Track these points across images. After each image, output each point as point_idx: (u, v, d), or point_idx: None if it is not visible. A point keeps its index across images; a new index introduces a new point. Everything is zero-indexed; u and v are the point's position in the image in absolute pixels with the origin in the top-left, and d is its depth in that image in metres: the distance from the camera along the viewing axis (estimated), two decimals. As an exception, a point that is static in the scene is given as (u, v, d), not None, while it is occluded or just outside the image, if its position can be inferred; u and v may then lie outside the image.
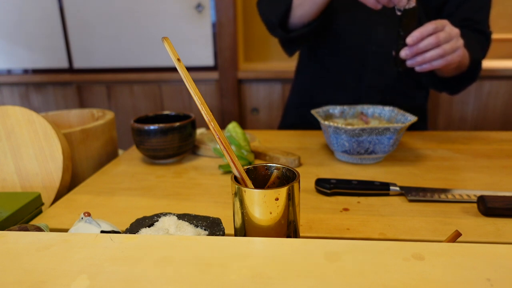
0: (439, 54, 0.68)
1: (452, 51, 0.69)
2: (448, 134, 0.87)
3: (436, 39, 0.67)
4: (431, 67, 0.70)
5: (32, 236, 0.34)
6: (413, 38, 0.67)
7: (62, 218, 0.52)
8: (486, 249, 0.30)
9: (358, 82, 0.96)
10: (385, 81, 0.96)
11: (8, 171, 0.59)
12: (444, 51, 0.68)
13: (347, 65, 0.97)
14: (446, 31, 0.68)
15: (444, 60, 0.68)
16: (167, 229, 0.40)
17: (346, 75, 0.98)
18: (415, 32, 0.67)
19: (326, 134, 0.70)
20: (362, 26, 0.94)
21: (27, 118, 0.60)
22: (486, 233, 0.45)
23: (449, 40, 0.68)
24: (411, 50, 0.69)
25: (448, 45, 0.68)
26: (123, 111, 2.00)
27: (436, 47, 0.68)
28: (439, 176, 0.63)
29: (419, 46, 0.68)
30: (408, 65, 0.71)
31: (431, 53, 0.68)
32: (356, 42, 0.95)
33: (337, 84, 0.99)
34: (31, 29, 1.97)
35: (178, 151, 0.71)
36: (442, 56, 0.68)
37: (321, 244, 0.32)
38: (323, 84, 1.02)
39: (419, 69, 0.71)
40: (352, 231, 0.46)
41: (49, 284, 0.28)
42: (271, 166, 0.40)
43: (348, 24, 0.95)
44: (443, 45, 0.68)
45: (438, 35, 0.67)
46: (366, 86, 0.96)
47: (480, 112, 1.85)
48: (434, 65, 0.69)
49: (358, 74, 0.96)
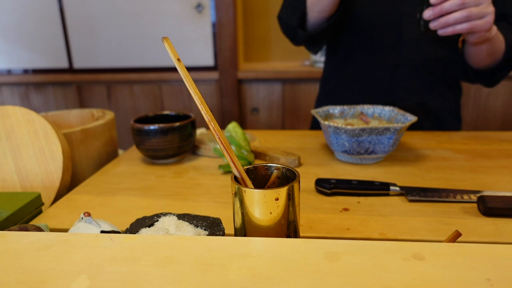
0: (464, 16, 0.64)
1: (480, 15, 0.65)
2: (448, 134, 0.87)
3: (461, 0, 0.64)
4: (454, 30, 0.67)
5: (32, 236, 0.34)
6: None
7: (62, 218, 0.52)
8: (486, 249, 0.30)
9: (391, 85, 0.92)
10: (418, 83, 0.92)
11: (8, 171, 0.59)
12: (470, 14, 0.64)
13: (378, 64, 0.92)
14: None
15: (469, 24, 0.65)
16: (167, 229, 0.40)
17: (377, 77, 0.93)
18: None
19: (326, 134, 0.70)
20: (389, 16, 0.88)
21: (27, 118, 0.60)
22: (486, 233, 0.45)
23: (477, 3, 0.65)
24: (434, 10, 0.66)
25: (475, 9, 0.65)
26: (123, 111, 2.00)
27: (462, 9, 0.65)
28: (439, 176, 0.63)
29: (443, 6, 0.65)
30: (431, 27, 0.68)
31: (455, 14, 0.65)
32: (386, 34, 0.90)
33: (367, 87, 0.95)
34: (31, 29, 1.97)
35: (178, 151, 0.71)
36: (467, 19, 0.65)
37: (321, 244, 0.32)
38: (351, 85, 0.97)
39: (442, 32, 0.68)
40: (352, 231, 0.46)
41: (49, 284, 0.28)
42: (271, 166, 0.40)
43: (372, 14, 0.90)
44: (470, 7, 0.65)
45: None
46: (399, 88, 0.92)
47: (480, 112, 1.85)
48: (457, 28, 0.66)
49: (390, 75, 0.92)
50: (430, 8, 0.67)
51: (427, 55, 0.90)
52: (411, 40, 0.88)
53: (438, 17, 0.67)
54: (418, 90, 0.92)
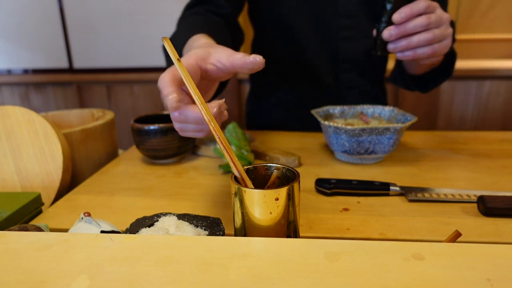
0: (428, 39, 0.57)
1: (441, 38, 0.58)
2: (448, 134, 0.87)
3: (427, 21, 0.56)
4: (414, 55, 0.59)
5: (32, 236, 0.34)
6: (402, 15, 0.55)
7: (62, 218, 0.52)
8: (486, 249, 0.30)
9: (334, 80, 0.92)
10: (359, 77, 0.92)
11: (8, 171, 0.59)
12: (433, 37, 0.57)
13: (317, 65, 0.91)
14: (437, 13, 0.57)
15: (431, 49, 0.58)
16: (167, 229, 0.40)
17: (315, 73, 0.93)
18: (405, 8, 0.56)
19: (326, 134, 0.70)
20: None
21: (27, 118, 0.60)
22: (486, 233, 0.45)
23: (439, 25, 0.58)
24: (397, 30, 0.57)
25: (438, 31, 0.57)
26: (123, 111, 2.00)
27: (426, 31, 0.57)
28: (439, 176, 0.63)
29: (406, 26, 0.56)
30: (390, 50, 0.60)
31: (418, 37, 0.57)
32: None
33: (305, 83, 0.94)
34: (31, 29, 1.97)
35: (178, 151, 0.71)
36: (430, 42, 0.57)
37: (321, 244, 0.32)
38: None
39: (400, 56, 0.60)
40: (352, 231, 0.46)
41: (49, 284, 0.28)
42: (271, 166, 0.40)
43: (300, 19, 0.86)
44: (433, 29, 0.57)
45: (429, 16, 0.56)
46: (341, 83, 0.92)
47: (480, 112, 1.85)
48: (418, 53, 0.59)
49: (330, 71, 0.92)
50: (391, 27, 0.58)
51: (364, 48, 0.90)
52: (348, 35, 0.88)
53: (399, 38, 0.59)
54: (358, 84, 0.93)
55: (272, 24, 0.93)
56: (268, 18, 0.93)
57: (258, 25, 0.97)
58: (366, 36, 0.88)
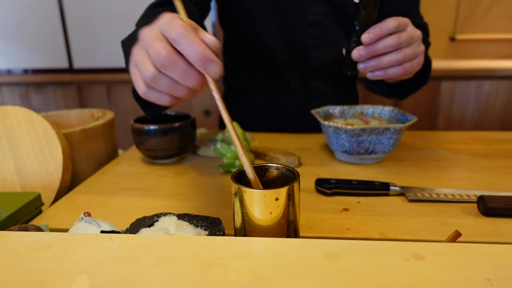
0: (398, 59, 0.55)
1: (412, 57, 0.57)
2: (448, 134, 0.87)
3: (397, 40, 0.54)
4: (385, 75, 0.57)
5: (32, 236, 0.34)
6: (371, 35, 0.54)
7: (62, 218, 0.52)
8: (486, 249, 0.30)
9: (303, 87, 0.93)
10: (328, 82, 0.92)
11: (8, 171, 0.59)
12: (404, 57, 0.55)
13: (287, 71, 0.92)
14: (408, 31, 0.56)
15: (402, 69, 0.56)
16: (167, 229, 0.40)
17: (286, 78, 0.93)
18: (374, 28, 0.54)
19: (326, 134, 0.70)
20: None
21: (27, 118, 0.60)
22: (486, 233, 0.45)
23: (410, 43, 0.56)
24: (366, 50, 0.55)
25: (409, 50, 0.56)
26: (123, 111, 2.00)
27: (396, 51, 0.55)
28: (439, 176, 0.63)
29: (376, 46, 0.55)
30: (360, 70, 0.58)
31: (389, 57, 0.55)
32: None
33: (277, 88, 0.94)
34: (31, 29, 1.97)
35: (178, 151, 0.71)
36: (401, 62, 0.56)
37: (321, 244, 0.32)
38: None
39: (371, 76, 0.58)
40: (352, 231, 0.46)
41: (49, 284, 0.28)
42: (271, 166, 0.40)
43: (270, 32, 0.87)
44: (404, 49, 0.55)
45: (400, 35, 0.54)
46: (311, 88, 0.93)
47: (480, 112, 1.85)
48: (389, 73, 0.57)
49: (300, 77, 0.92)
50: (361, 47, 0.56)
51: (333, 56, 0.90)
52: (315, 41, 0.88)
53: (369, 58, 0.57)
54: (328, 92, 0.93)
55: (241, 31, 0.93)
56: (238, 25, 0.93)
57: (229, 31, 0.98)
58: (335, 44, 0.88)
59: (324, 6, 0.85)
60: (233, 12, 0.92)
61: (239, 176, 0.38)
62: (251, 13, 0.88)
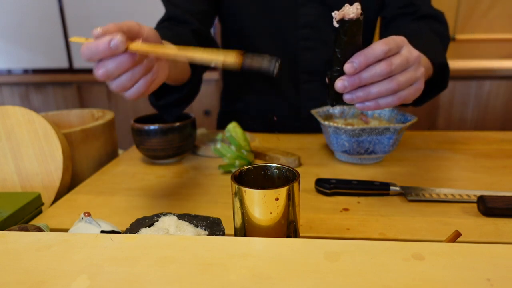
0: (391, 89, 0.47)
1: (408, 84, 0.48)
2: (448, 134, 0.87)
3: (387, 68, 0.46)
4: (377, 106, 0.49)
5: (32, 236, 0.34)
6: (355, 64, 0.45)
7: (62, 218, 0.52)
8: (486, 249, 0.30)
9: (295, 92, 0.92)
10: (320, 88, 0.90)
11: (8, 171, 0.59)
12: (398, 85, 0.47)
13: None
14: (402, 54, 0.47)
15: (396, 98, 0.48)
16: (167, 229, 0.40)
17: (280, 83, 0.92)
18: (358, 56, 0.45)
19: (326, 134, 0.70)
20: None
21: (27, 118, 0.60)
22: (486, 233, 0.45)
23: (405, 67, 0.48)
24: (351, 80, 0.46)
25: (403, 77, 0.47)
26: (123, 111, 2.00)
27: (388, 79, 0.47)
28: (439, 176, 0.63)
29: (362, 76, 0.46)
30: (346, 101, 0.49)
31: (378, 87, 0.47)
32: None
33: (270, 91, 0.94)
34: (31, 29, 1.97)
35: (178, 151, 0.71)
36: (394, 91, 0.47)
37: (321, 244, 0.32)
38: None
39: (360, 107, 0.49)
40: (352, 231, 0.46)
41: (49, 284, 0.28)
42: (271, 166, 0.40)
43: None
44: (397, 75, 0.47)
45: (390, 61, 0.46)
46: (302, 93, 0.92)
47: (480, 112, 1.85)
48: (381, 104, 0.48)
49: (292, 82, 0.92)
50: (344, 77, 0.47)
51: (326, 59, 0.89)
52: (308, 45, 0.87)
53: (355, 88, 0.48)
54: (320, 94, 0.91)
55: (233, 33, 0.93)
56: (230, 27, 0.93)
57: (222, 34, 0.98)
58: (328, 46, 0.87)
59: (317, 8, 0.84)
60: (225, 13, 0.92)
61: (239, 176, 0.38)
62: (243, 14, 0.88)
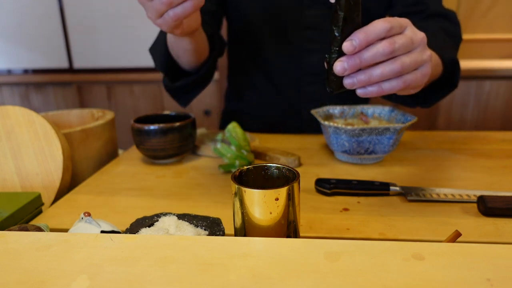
0: (394, 70, 0.43)
1: (413, 67, 0.44)
2: (448, 134, 0.87)
3: (390, 46, 0.42)
4: (380, 91, 0.45)
5: (32, 236, 0.34)
6: (354, 42, 0.41)
7: (62, 218, 0.52)
8: (486, 249, 0.30)
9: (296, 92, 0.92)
10: (322, 90, 0.90)
11: (8, 171, 0.59)
12: (401, 67, 0.43)
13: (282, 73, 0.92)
14: (406, 35, 0.44)
15: (401, 82, 0.44)
16: (167, 229, 0.40)
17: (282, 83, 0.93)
18: (357, 33, 0.42)
19: (326, 134, 0.70)
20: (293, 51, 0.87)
21: (27, 118, 0.60)
22: (486, 233, 0.45)
23: (410, 49, 0.44)
24: (351, 61, 0.42)
25: (408, 58, 0.44)
26: (123, 111, 2.00)
27: (391, 60, 0.43)
28: (439, 176, 0.63)
29: (363, 56, 0.42)
30: (347, 86, 0.45)
31: (382, 68, 0.43)
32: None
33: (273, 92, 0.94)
34: (31, 29, 1.97)
35: (178, 151, 0.71)
36: (398, 74, 0.43)
37: (321, 244, 0.32)
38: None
39: (362, 93, 0.45)
40: (352, 231, 0.46)
41: (49, 284, 0.28)
42: (271, 166, 0.40)
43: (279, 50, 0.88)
44: (401, 56, 0.43)
45: (393, 40, 0.43)
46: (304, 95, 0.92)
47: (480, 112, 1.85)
48: (385, 88, 0.44)
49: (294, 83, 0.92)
50: (343, 58, 0.43)
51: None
52: (313, 47, 0.87)
53: (356, 70, 0.43)
54: (322, 96, 0.91)
55: (239, 34, 0.94)
56: (236, 27, 0.94)
57: (228, 34, 0.98)
58: None
59: (322, 9, 0.84)
60: (231, 14, 0.92)
61: (239, 176, 0.38)
62: (249, 15, 0.88)
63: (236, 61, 0.99)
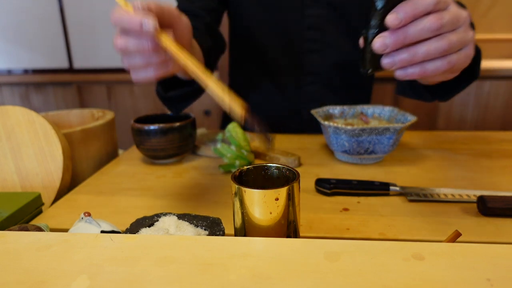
0: (441, 48, 0.39)
1: (459, 46, 0.40)
2: (448, 134, 0.87)
3: (438, 21, 0.37)
4: (423, 73, 0.40)
5: (32, 236, 0.34)
6: (400, 15, 0.37)
7: (62, 218, 0.52)
8: (486, 249, 0.30)
9: (296, 92, 0.92)
10: (323, 89, 0.91)
11: (8, 171, 0.59)
12: (449, 45, 0.39)
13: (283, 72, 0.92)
14: (451, 11, 0.39)
15: (446, 63, 0.40)
16: (167, 229, 0.40)
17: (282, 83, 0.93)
18: (403, 5, 0.37)
19: (326, 134, 0.70)
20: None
21: (27, 118, 0.60)
22: (486, 233, 0.45)
23: (456, 27, 0.40)
24: (393, 37, 0.38)
25: (454, 36, 0.39)
26: (123, 111, 2.00)
27: (437, 37, 0.39)
28: (439, 176, 0.63)
29: (408, 30, 0.38)
30: (385, 66, 0.40)
31: (428, 45, 0.38)
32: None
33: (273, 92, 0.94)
34: (31, 29, 1.97)
35: (178, 151, 0.71)
36: (445, 53, 0.39)
37: (321, 244, 0.32)
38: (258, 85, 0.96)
39: (402, 74, 0.41)
40: (352, 231, 0.46)
41: (49, 284, 0.28)
42: (271, 166, 0.40)
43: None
44: (447, 34, 0.39)
45: (441, 15, 0.38)
46: (304, 95, 0.92)
47: (480, 112, 1.85)
48: (428, 69, 0.40)
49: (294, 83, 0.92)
50: (385, 33, 0.38)
51: (331, 61, 0.89)
52: (314, 48, 0.87)
53: (398, 48, 0.39)
54: (322, 97, 0.91)
55: (240, 33, 0.93)
56: (237, 26, 0.93)
57: (230, 33, 0.98)
58: (334, 49, 0.87)
59: (324, 10, 0.84)
60: (232, 12, 0.92)
61: (239, 176, 0.38)
62: (250, 14, 0.88)
63: (237, 60, 0.99)
